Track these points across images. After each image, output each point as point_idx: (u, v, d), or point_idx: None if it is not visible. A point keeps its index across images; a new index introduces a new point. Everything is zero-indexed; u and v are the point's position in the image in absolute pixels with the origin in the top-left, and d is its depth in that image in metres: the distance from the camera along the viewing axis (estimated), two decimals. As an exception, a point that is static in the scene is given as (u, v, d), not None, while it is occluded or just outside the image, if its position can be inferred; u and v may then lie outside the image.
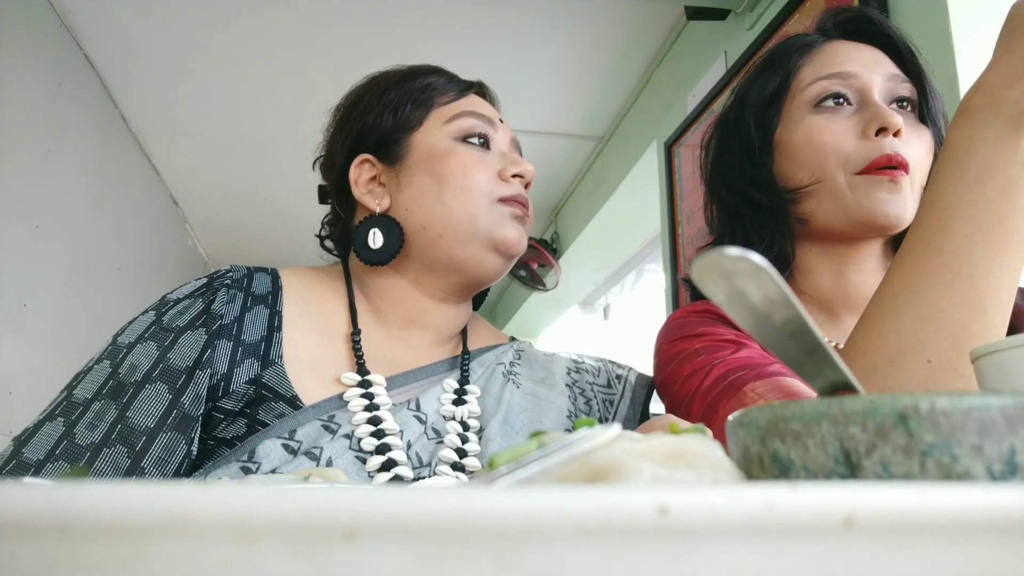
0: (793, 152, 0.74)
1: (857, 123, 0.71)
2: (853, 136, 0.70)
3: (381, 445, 0.63)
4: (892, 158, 0.68)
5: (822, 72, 0.74)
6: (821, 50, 0.76)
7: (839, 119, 0.72)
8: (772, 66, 0.78)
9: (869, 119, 0.70)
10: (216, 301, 0.67)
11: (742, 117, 0.79)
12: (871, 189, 0.69)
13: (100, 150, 2.53)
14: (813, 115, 0.73)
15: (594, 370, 0.82)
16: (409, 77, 0.78)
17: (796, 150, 0.73)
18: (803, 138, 0.73)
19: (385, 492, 0.18)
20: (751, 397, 0.61)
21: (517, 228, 0.74)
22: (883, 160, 0.68)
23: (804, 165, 0.73)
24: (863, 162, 0.69)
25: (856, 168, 0.70)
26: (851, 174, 0.70)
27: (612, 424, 0.28)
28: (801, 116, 0.74)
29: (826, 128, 0.72)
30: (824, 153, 0.71)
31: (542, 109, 2.66)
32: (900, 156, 0.68)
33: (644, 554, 0.18)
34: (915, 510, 0.19)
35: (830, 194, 0.71)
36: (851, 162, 0.70)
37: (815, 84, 0.73)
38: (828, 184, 0.71)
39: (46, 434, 0.59)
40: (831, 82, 0.73)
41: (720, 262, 0.26)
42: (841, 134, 0.71)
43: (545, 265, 3.23)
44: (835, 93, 0.72)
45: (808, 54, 0.76)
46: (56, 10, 2.15)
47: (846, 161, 0.70)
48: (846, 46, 0.76)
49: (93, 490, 0.17)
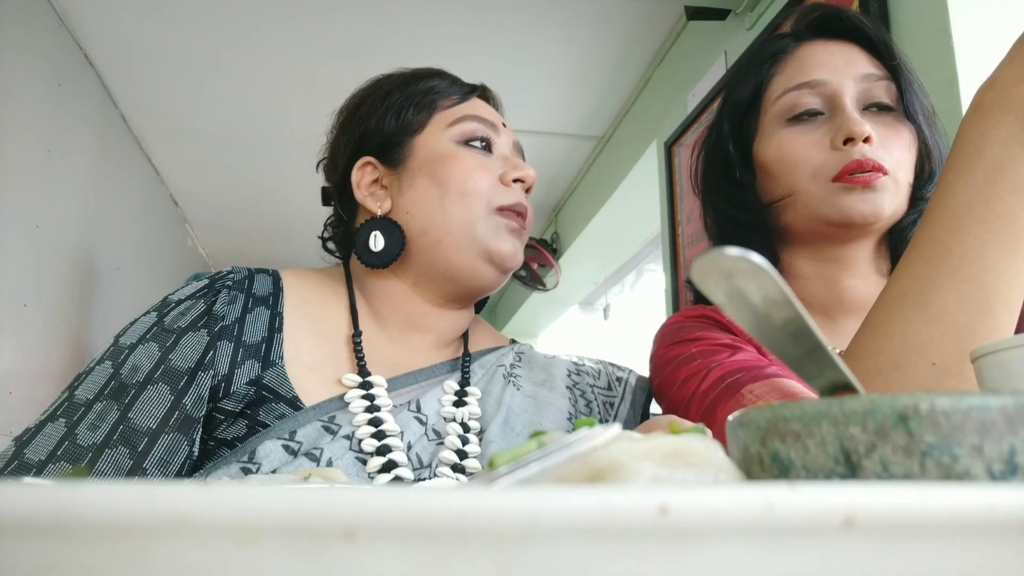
0: (768, 168, 0.74)
1: (827, 133, 0.71)
2: (823, 148, 0.70)
3: (382, 446, 0.63)
4: (863, 163, 0.68)
5: (792, 82, 0.73)
6: (792, 56, 0.75)
7: (810, 131, 0.72)
8: (746, 74, 0.78)
9: (836, 129, 0.70)
10: (217, 302, 0.67)
11: (721, 132, 0.79)
12: (845, 193, 0.69)
13: (100, 150, 2.53)
14: (784, 129, 0.73)
15: (594, 372, 0.82)
16: (412, 80, 0.78)
17: (770, 165, 0.74)
18: (775, 153, 0.73)
19: (385, 492, 0.18)
20: (749, 399, 0.61)
21: (513, 242, 0.73)
22: (854, 165, 0.68)
23: (779, 180, 0.73)
24: (835, 171, 0.69)
25: (828, 176, 0.69)
26: (825, 182, 0.70)
27: (612, 425, 0.28)
28: (773, 131, 0.74)
29: (796, 142, 0.72)
30: (795, 167, 0.71)
31: (542, 109, 2.66)
32: (872, 160, 0.68)
33: (644, 554, 0.18)
34: (915, 510, 0.19)
35: (804, 204, 0.71)
36: (823, 173, 0.70)
37: (785, 96, 0.73)
38: (802, 196, 0.71)
39: (47, 435, 0.59)
40: (800, 93, 0.72)
41: (720, 262, 0.26)
42: (811, 147, 0.71)
43: (545, 265, 3.23)
44: (806, 107, 0.72)
45: (780, 62, 0.76)
46: (56, 10, 2.15)
47: (817, 173, 0.70)
48: (817, 49, 0.75)
49: (93, 490, 0.17)
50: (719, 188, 0.79)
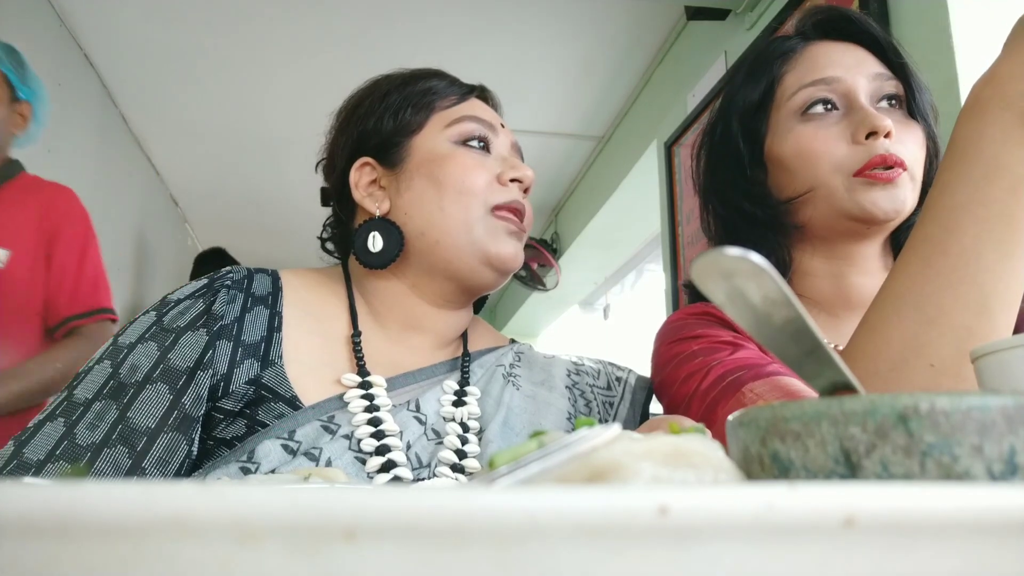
0: (785, 164, 0.74)
1: (846, 128, 0.71)
2: (843, 142, 0.70)
3: (381, 446, 0.63)
4: (887, 158, 0.68)
5: (806, 79, 0.73)
6: (802, 55, 0.75)
7: (827, 126, 0.71)
8: (755, 74, 0.77)
9: (858, 124, 0.69)
10: (217, 302, 0.67)
11: (729, 128, 0.79)
12: (868, 188, 0.69)
13: (100, 150, 2.53)
14: (801, 124, 0.73)
15: (594, 372, 0.82)
16: (410, 81, 0.78)
17: (788, 161, 0.73)
18: (793, 149, 0.73)
19: (385, 492, 0.18)
20: (750, 397, 0.61)
21: (513, 244, 0.73)
22: (878, 160, 0.68)
23: (797, 175, 0.73)
24: (858, 165, 0.69)
25: (851, 170, 0.69)
26: (847, 176, 0.70)
27: (612, 425, 0.28)
28: (789, 126, 0.74)
29: (816, 136, 0.71)
30: (816, 162, 0.71)
31: (542, 109, 2.66)
32: (894, 156, 0.68)
33: (644, 554, 0.18)
34: (915, 510, 0.19)
35: (825, 199, 0.71)
36: (845, 167, 0.70)
37: (800, 92, 0.73)
38: (823, 190, 0.71)
39: (47, 434, 0.59)
40: (816, 89, 0.72)
41: (720, 262, 0.26)
42: (831, 140, 0.70)
43: (545, 265, 3.23)
44: (821, 99, 0.72)
45: (790, 60, 0.76)
46: (56, 10, 2.15)
47: (839, 166, 0.70)
48: (827, 48, 0.75)
49: (93, 490, 0.17)
50: (733, 186, 0.78)
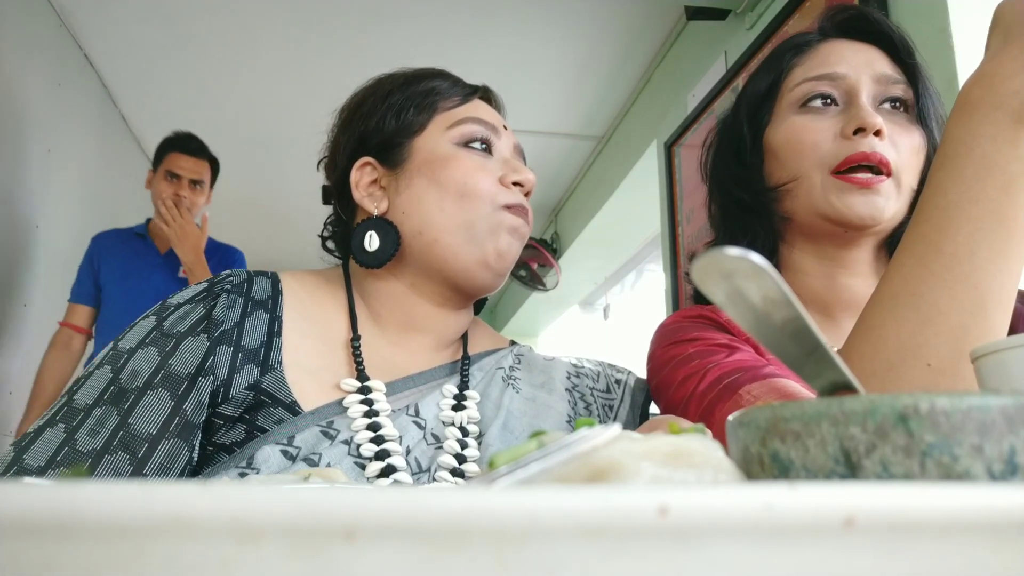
0: (776, 151, 0.74)
1: (839, 123, 0.71)
2: (832, 135, 0.70)
3: (380, 451, 0.62)
4: (869, 156, 0.67)
5: (811, 73, 0.74)
6: (815, 50, 0.76)
7: (822, 119, 0.72)
8: (768, 65, 0.79)
9: (849, 119, 0.70)
10: (217, 306, 0.66)
11: (738, 116, 0.80)
12: (843, 191, 0.69)
13: (100, 150, 2.53)
14: (797, 115, 0.73)
15: (593, 374, 0.82)
16: (413, 80, 0.77)
17: (778, 149, 0.74)
18: (784, 137, 0.73)
19: (385, 492, 0.18)
20: (747, 399, 0.61)
21: (508, 240, 0.73)
22: (858, 157, 0.67)
23: (785, 164, 0.73)
24: (838, 161, 0.69)
25: (831, 167, 0.69)
26: (827, 173, 0.70)
27: (612, 425, 0.28)
28: (786, 116, 0.74)
29: (807, 127, 0.72)
30: (802, 152, 0.71)
31: (542, 109, 2.66)
32: (878, 154, 0.67)
33: (644, 554, 0.18)
34: (915, 510, 0.19)
35: (806, 192, 0.71)
36: (827, 161, 0.70)
37: (802, 85, 0.74)
38: (805, 182, 0.71)
39: (47, 440, 0.58)
40: (818, 83, 0.73)
41: (720, 262, 0.26)
42: (820, 133, 0.71)
43: (545, 265, 3.23)
44: (821, 93, 0.73)
45: (802, 54, 0.76)
46: (56, 10, 2.15)
47: (822, 161, 0.70)
48: (840, 46, 0.75)
49: (93, 490, 0.17)
50: (728, 169, 0.79)
